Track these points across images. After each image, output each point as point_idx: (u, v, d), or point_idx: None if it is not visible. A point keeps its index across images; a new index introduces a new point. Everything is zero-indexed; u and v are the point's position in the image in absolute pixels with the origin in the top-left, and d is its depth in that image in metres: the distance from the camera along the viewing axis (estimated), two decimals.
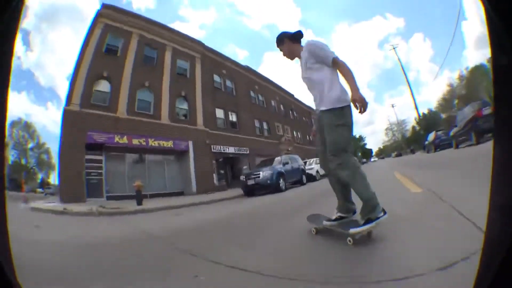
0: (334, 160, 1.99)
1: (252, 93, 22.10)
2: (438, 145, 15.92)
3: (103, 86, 12.16)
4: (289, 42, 2.34)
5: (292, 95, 30.02)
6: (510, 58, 0.58)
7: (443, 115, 37.52)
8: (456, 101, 36.16)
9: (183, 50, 15.92)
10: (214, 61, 18.45)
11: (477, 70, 33.61)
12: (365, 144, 67.07)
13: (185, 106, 15.15)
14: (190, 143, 14.27)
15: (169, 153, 13.97)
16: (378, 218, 1.87)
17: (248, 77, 21.89)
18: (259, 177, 9.50)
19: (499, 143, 0.64)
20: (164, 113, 13.70)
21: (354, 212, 2.22)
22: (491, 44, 0.63)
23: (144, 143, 12.53)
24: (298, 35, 2.35)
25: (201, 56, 16.95)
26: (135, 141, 12.35)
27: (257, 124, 21.59)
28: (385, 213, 1.92)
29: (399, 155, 41.46)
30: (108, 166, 11.79)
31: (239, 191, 10.79)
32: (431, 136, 17.75)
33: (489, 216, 0.64)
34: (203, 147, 14.84)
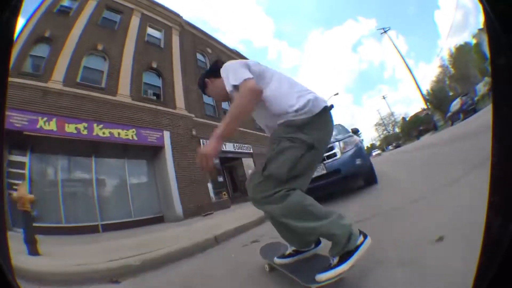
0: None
1: None
2: (467, 111, 15.27)
3: (42, 50, 8.01)
4: (211, 80, 1.69)
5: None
6: (509, 57, 0.59)
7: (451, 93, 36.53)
8: (447, 81, 35.72)
9: (156, 18, 11.82)
10: (196, 37, 14.35)
11: (463, 48, 33.19)
12: (362, 140, 66.74)
13: (157, 82, 10.63)
14: (166, 135, 9.54)
15: (131, 151, 8.92)
16: (358, 248, 1.23)
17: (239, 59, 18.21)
18: (336, 157, 4.18)
19: (497, 143, 0.65)
20: (124, 88, 9.03)
21: (318, 243, 1.60)
22: (489, 44, 0.64)
23: (85, 132, 7.59)
24: (215, 66, 1.68)
25: (180, 29, 12.92)
26: (70, 128, 7.46)
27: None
28: (365, 237, 1.29)
29: (398, 146, 39.92)
30: (35, 174, 7.05)
31: (251, 208, 6.56)
32: (457, 104, 16.94)
33: (487, 215, 0.64)
34: (187, 141, 10.25)
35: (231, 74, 1.41)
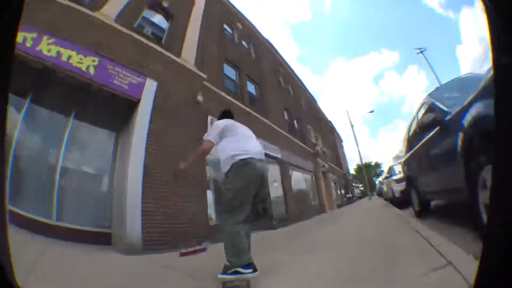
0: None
1: (277, 76, 14.64)
2: None
3: None
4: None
5: (316, 101, 23.46)
6: (510, 57, 0.59)
7: None
8: None
9: None
10: (224, 5, 11.56)
11: None
12: (382, 171, 59.63)
13: (162, 23, 7.32)
14: (150, 85, 5.65)
15: (85, 100, 4.87)
16: (240, 273, 1.97)
17: (270, 51, 14.69)
18: None
19: (500, 143, 0.67)
20: (111, 10, 5.64)
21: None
22: (491, 44, 0.64)
23: (29, 44, 4.04)
24: (221, 114, 2.89)
25: None
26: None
27: (286, 116, 13.72)
28: (254, 271, 2.00)
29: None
30: None
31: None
32: None
33: (490, 216, 0.74)
34: (184, 107, 6.33)
35: (210, 130, 2.51)
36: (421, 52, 24.76)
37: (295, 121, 14.46)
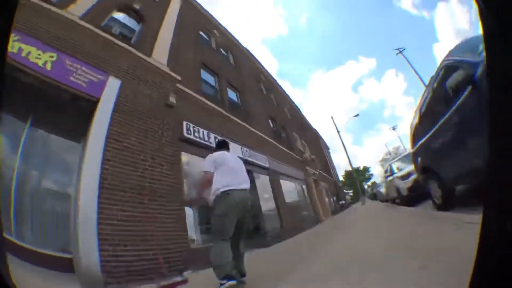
0: None
1: (259, 84, 14.23)
2: None
3: None
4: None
5: (299, 109, 23.00)
6: (505, 60, 0.60)
7: None
8: None
9: None
10: (200, 13, 11.08)
11: None
12: (372, 175, 58.77)
13: (133, 25, 6.68)
14: (113, 84, 4.83)
15: (44, 100, 4.05)
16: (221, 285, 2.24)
17: (250, 60, 14.32)
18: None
19: (494, 144, 0.67)
20: (77, 8, 5.08)
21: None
22: (486, 47, 0.65)
23: None
24: (217, 144, 3.28)
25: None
26: None
27: (271, 125, 13.18)
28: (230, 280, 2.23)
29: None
30: None
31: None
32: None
33: (484, 215, 0.65)
34: (153, 109, 5.41)
35: (205, 163, 2.78)
36: (400, 52, 25.46)
37: (280, 129, 13.88)
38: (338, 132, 19.58)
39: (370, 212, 9.38)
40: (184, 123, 6.19)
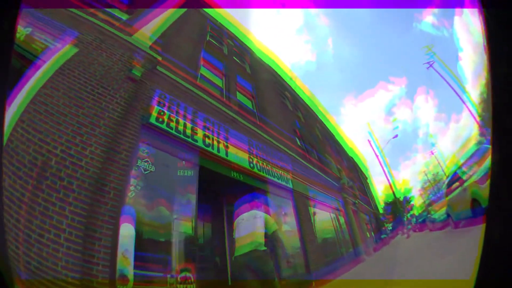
0: None
1: (283, 100, 12.58)
2: None
3: None
4: None
5: (333, 133, 19.79)
6: (508, 65, 0.64)
7: None
8: None
9: None
10: (206, 17, 11.02)
11: None
12: (413, 206, 49.42)
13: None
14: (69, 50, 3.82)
15: None
16: None
17: (271, 73, 13.23)
18: None
19: (497, 148, 0.69)
20: None
21: None
22: (489, 52, 0.69)
23: None
24: None
25: None
26: None
27: (298, 142, 10.91)
28: None
29: None
30: None
31: None
32: None
33: (487, 222, 0.68)
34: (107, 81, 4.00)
35: None
36: (431, 66, 22.81)
37: (310, 149, 11.56)
38: (378, 155, 16.39)
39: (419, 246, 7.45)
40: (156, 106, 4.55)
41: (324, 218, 8.60)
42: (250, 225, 3.05)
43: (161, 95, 4.75)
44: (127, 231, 3.02)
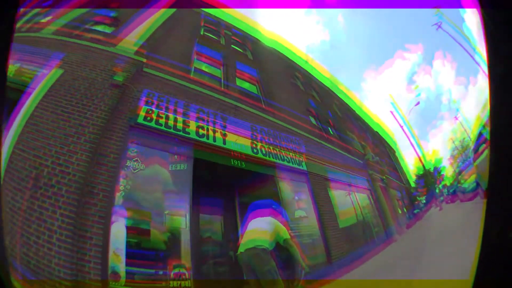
0: None
1: (294, 81, 11.93)
2: None
3: None
4: None
5: (354, 109, 18.46)
6: (507, 66, 0.69)
7: None
8: None
9: None
10: (199, 13, 10.86)
11: None
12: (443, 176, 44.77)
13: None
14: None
15: None
16: None
17: (277, 56, 12.86)
18: None
19: (495, 149, 0.74)
20: None
21: None
22: (488, 52, 0.74)
23: None
24: None
25: None
26: None
27: (314, 122, 10.41)
28: None
29: None
30: None
31: None
32: None
33: (485, 223, 0.73)
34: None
35: None
36: (439, 27, 20.00)
37: (328, 127, 10.98)
38: (403, 126, 14.84)
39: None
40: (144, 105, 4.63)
41: (347, 199, 8.14)
42: (253, 223, 3.12)
43: (149, 94, 4.85)
44: (118, 230, 3.20)
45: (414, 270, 3.16)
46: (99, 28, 5.69)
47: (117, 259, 3.06)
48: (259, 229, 2.93)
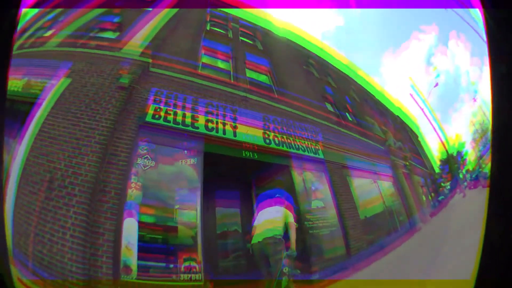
0: None
1: (308, 68, 11.46)
2: None
3: None
4: None
5: (373, 93, 17.44)
6: (509, 66, 0.68)
7: None
8: None
9: None
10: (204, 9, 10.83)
11: None
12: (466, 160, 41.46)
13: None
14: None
15: None
16: None
17: (289, 45, 12.78)
18: None
19: (496, 150, 0.73)
20: None
21: None
22: (490, 53, 0.73)
23: None
24: None
25: None
26: None
27: (330, 108, 10.13)
28: None
29: None
30: None
31: None
32: None
33: (486, 224, 0.72)
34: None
35: None
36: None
37: (346, 114, 10.51)
38: (424, 108, 13.75)
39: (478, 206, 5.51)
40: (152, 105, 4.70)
41: (368, 187, 7.78)
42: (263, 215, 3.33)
43: (157, 93, 4.93)
44: (130, 225, 3.31)
45: (434, 262, 2.93)
46: (104, 34, 5.88)
47: (129, 253, 3.19)
48: (270, 220, 3.12)
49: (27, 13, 4.08)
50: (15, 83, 4.16)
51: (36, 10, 4.62)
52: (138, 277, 3.20)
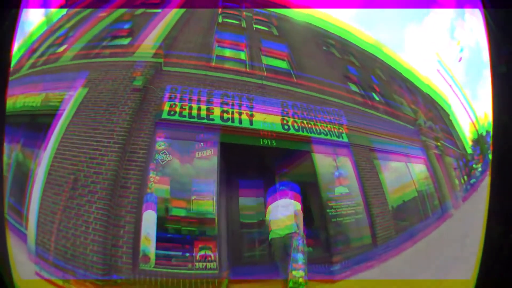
0: None
1: (328, 49, 11.17)
2: None
3: None
4: None
5: (401, 71, 15.89)
6: (509, 66, 0.67)
7: None
8: None
9: None
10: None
11: None
12: None
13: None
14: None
15: None
16: None
17: (307, 28, 11.79)
18: None
19: (497, 149, 0.73)
20: None
21: None
22: (490, 53, 0.73)
23: None
24: None
25: None
26: None
27: (355, 89, 9.69)
28: None
29: None
30: None
31: None
32: None
33: (487, 224, 0.72)
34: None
35: None
36: None
37: (372, 94, 9.83)
38: (452, 85, 12.19)
39: None
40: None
41: (398, 171, 7.27)
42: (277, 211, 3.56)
43: (172, 89, 5.04)
44: (149, 217, 3.51)
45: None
46: (116, 42, 6.16)
47: (148, 243, 3.40)
48: (285, 217, 3.38)
49: (33, 33, 4.49)
50: (33, 98, 4.61)
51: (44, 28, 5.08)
52: (156, 265, 3.44)
